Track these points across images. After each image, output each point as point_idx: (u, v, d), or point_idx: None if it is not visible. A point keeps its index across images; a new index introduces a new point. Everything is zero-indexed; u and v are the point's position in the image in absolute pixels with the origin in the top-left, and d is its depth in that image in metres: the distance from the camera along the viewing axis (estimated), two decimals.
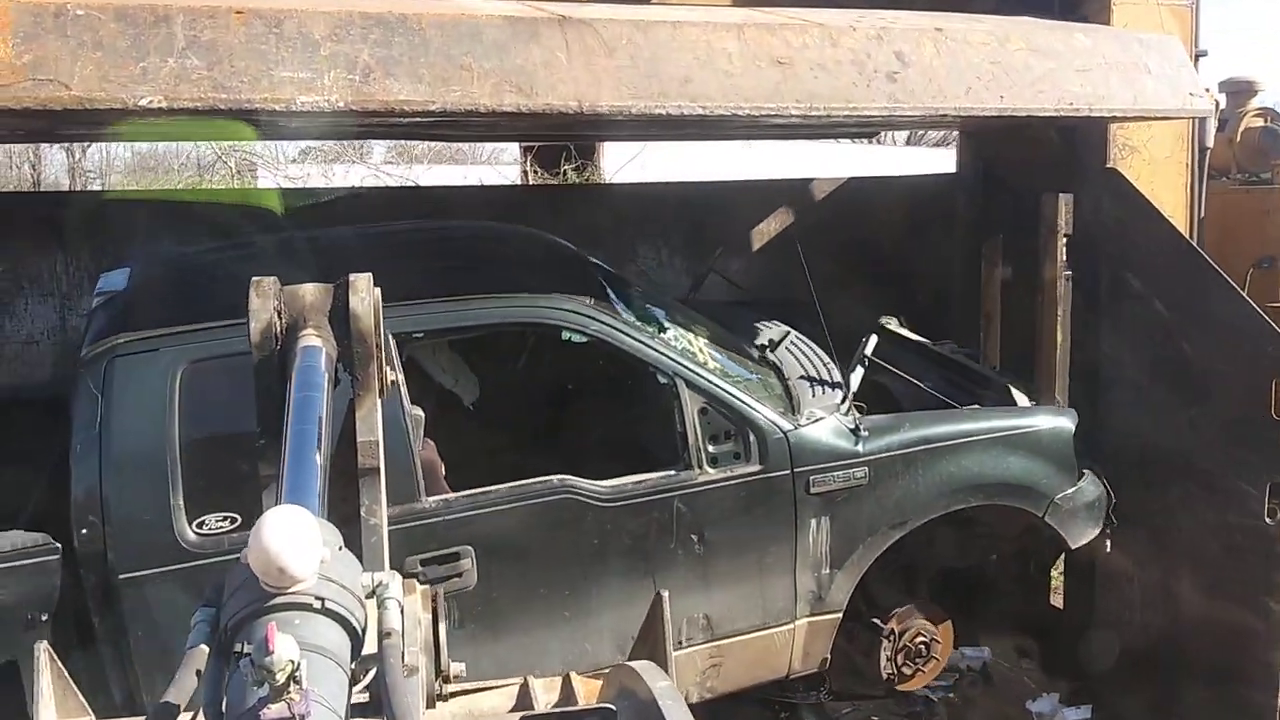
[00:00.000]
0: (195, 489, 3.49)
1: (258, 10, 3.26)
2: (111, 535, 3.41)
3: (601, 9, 3.81)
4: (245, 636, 1.72)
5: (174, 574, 3.44)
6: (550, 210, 6.11)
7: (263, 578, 1.75)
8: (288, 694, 1.56)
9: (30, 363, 5.07)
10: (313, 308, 2.42)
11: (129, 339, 3.57)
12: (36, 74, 3.01)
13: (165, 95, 3.08)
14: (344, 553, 1.91)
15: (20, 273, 5.04)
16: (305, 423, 2.18)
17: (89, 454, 3.43)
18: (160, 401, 3.50)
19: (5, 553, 3.34)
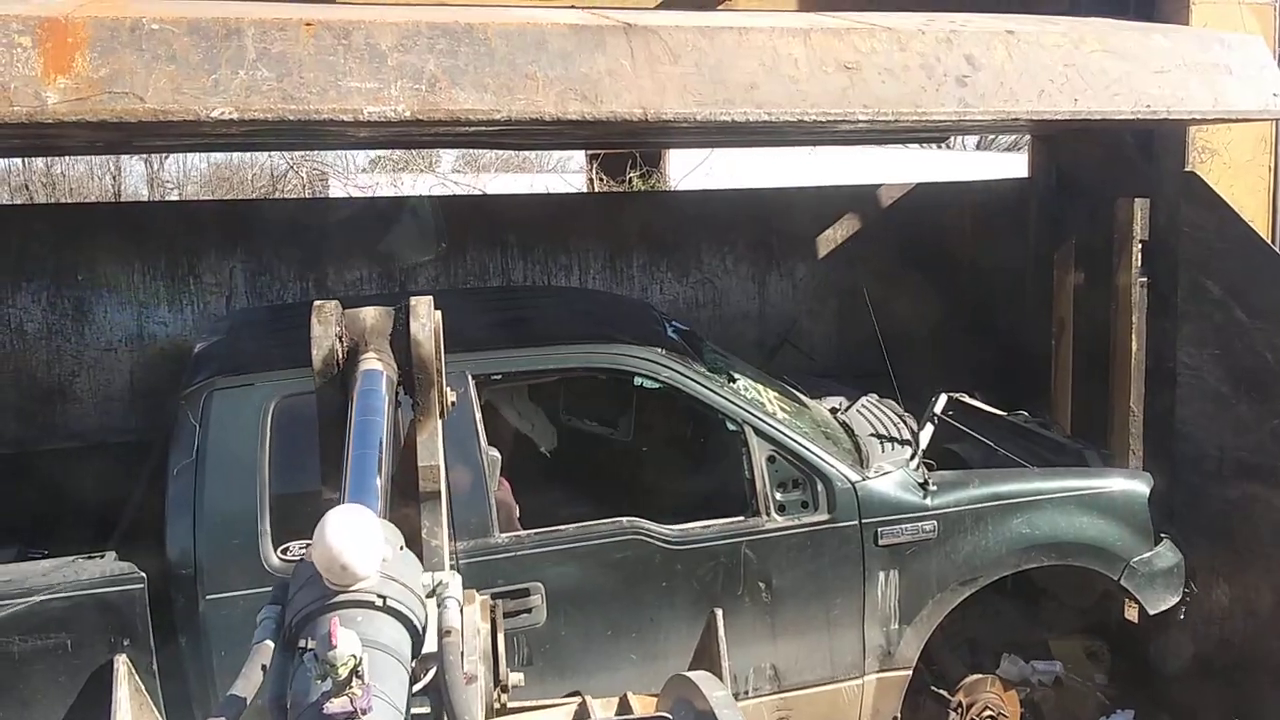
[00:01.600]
0: (281, 516, 3.57)
1: (326, 22, 3.30)
2: (201, 557, 3.50)
3: (666, 16, 3.81)
4: (309, 632, 1.75)
5: (258, 597, 3.50)
6: (616, 217, 6.13)
7: (326, 575, 1.78)
8: (350, 689, 1.58)
9: (109, 368, 5.20)
10: (374, 331, 2.42)
11: (227, 376, 3.69)
12: (113, 87, 3.09)
13: (236, 106, 3.13)
14: (405, 552, 1.93)
15: (100, 281, 5.17)
16: (366, 446, 2.19)
17: (185, 480, 3.53)
18: (252, 433, 3.59)
19: (94, 580, 3.42)
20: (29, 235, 5.20)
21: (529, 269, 5.70)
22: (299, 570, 1.91)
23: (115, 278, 5.19)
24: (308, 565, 1.85)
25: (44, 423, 5.14)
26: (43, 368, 5.13)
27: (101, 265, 5.18)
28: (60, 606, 3.35)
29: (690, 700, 2.26)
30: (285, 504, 3.57)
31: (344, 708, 1.58)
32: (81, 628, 3.37)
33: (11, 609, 3.31)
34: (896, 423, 4.74)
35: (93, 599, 3.39)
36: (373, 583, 1.78)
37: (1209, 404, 4.84)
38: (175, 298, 5.27)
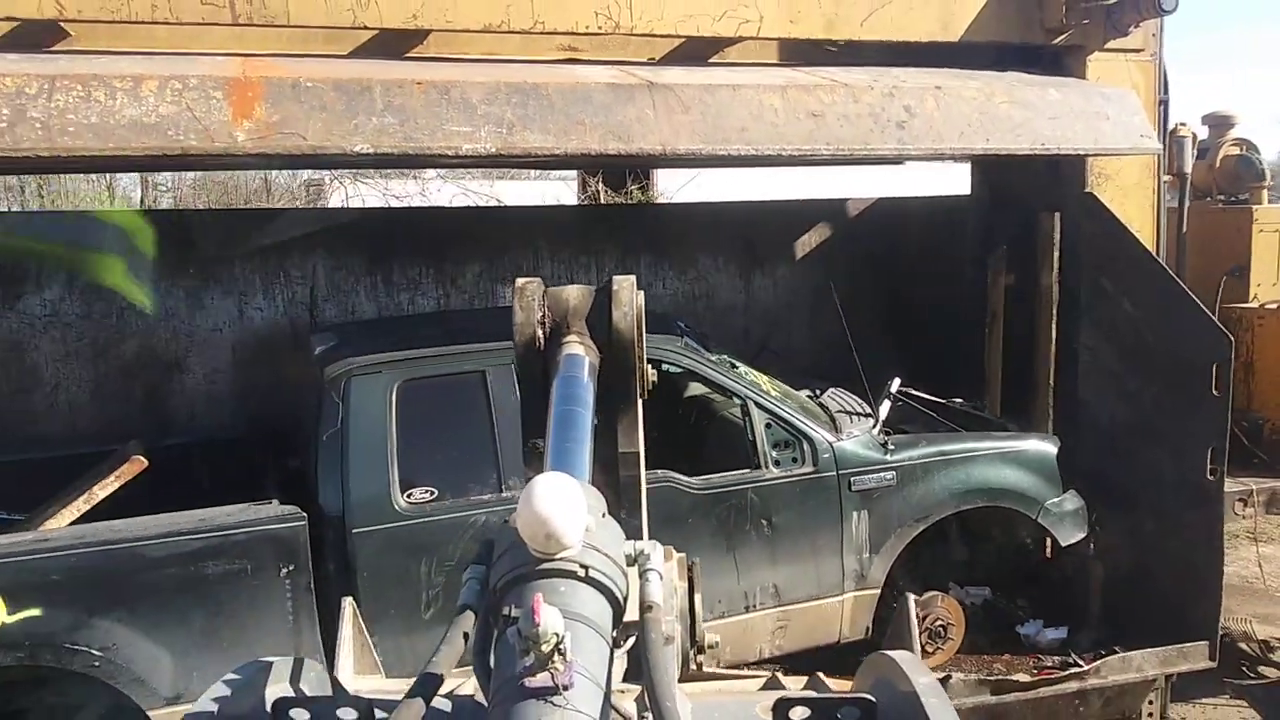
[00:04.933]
0: (405, 469, 4.72)
1: (433, 81, 4.49)
2: (348, 502, 4.64)
3: (678, 75, 5.01)
4: (513, 600, 1.76)
5: (390, 530, 4.68)
6: (626, 225, 7.33)
7: (530, 543, 1.78)
8: (552, 663, 1.60)
9: (217, 346, 6.33)
10: (576, 312, 2.41)
11: (361, 363, 4.81)
12: (283, 129, 4.25)
13: (371, 144, 4.31)
14: (608, 520, 1.92)
15: (209, 275, 6.31)
16: (568, 440, 2.17)
17: (333, 444, 4.68)
18: (381, 408, 4.74)
19: (268, 517, 4.53)
20: (145, 234, 6.34)
21: (555, 268, 6.88)
22: (502, 534, 1.92)
23: (219, 271, 6.33)
24: (512, 530, 1.85)
25: (165, 389, 6.27)
26: (161, 344, 6.26)
27: (209, 261, 6.32)
28: (241, 540, 4.45)
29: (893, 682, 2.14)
30: (407, 461, 4.73)
31: (545, 683, 1.60)
32: (257, 556, 4.47)
33: (206, 541, 4.42)
34: (859, 404, 5.95)
35: (266, 534, 4.49)
36: (575, 552, 1.78)
37: (1104, 379, 6.07)
38: (268, 288, 6.42)
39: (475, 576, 1.95)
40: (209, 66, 4.45)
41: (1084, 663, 5.44)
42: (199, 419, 6.29)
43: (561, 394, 2.26)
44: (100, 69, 4.24)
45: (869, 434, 5.57)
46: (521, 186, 13.27)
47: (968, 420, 6.27)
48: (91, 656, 4.27)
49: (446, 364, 4.90)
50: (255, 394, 6.33)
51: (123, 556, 4.32)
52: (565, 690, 1.60)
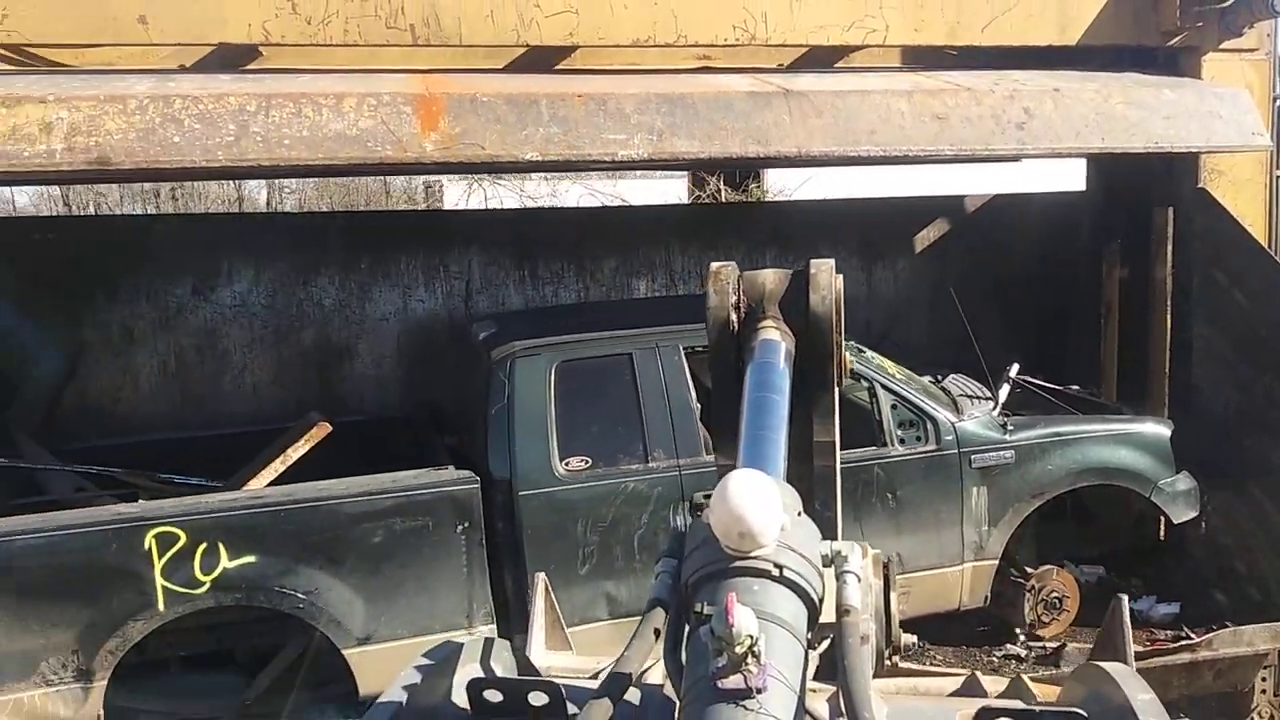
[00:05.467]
0: (563, 440, 5.26)
1: (591, 94, 5.02)
2: (515, 469, 5.20)
3: (810, 82, 5.45)
4: (705, 597, 1.74)
5: (550, 493, 5.23)
6: (751, 221, 7.79)
7: (723, 539, 1.74)
8: (745, 665, 1.58)
9: (383, 334, 6.99)
10: (771, 296, 2.39)
11: (523, 346, 5.35)
12: (464, 140, 4.84)
13: (540, 152, 4.86)
14: (803, 519, 1.87)
15: (377, 270, 6.97)
16: (763, 428, 2.13)
17: (500, 418, 5.25)
18: (542, 385, 5.28)
19: (447, 480, 5.14)
20: (326, 235, 7.03)
21: (685, 262, 7.38)
22: (695, 528, 1.88)
23: (387, 267, 6.99)
24: (704, 525, 1.81)
25: (337, 373, 6.95)
26: (335, 332, 6.94)
27: (377, 257, 6.97)
28: (425, 499, 5.07)
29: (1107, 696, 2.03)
30: (564, 433, 5.27)
31: (738, 684, 1.57)
32: (438, 514, 5.07)
33: (394, 500, 5.03)
34: (979, 388, 6.31)
35: (446, 495, 5.10)
36: (770, 551, 1.74)
37: (1217, 368, 6.31)
38: (429, 281, 7.05)
39: (667, 570, 1.94)
40: (396, 84, 5.06)
41: (1195, 636, 5.71)
42: (367, 399, 6.95)
43: (756, 380, 2.23)
44: (306, 88, 4.88)
45: (989, 415, 5.93)
46: (641, 185, 13.83)
47: (1084, 405, 6.57)
48: (297, 599, 4.92)
49: (598, 347, 5.43)
50: (417, 377, 6.96)
51: (325, 512, 4.96)
52: (758, 693, 1.58)
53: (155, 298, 6.65)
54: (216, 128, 4.62)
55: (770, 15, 5.63)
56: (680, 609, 1.86)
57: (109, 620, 4.75)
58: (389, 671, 4.95)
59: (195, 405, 6.71)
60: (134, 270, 6.60)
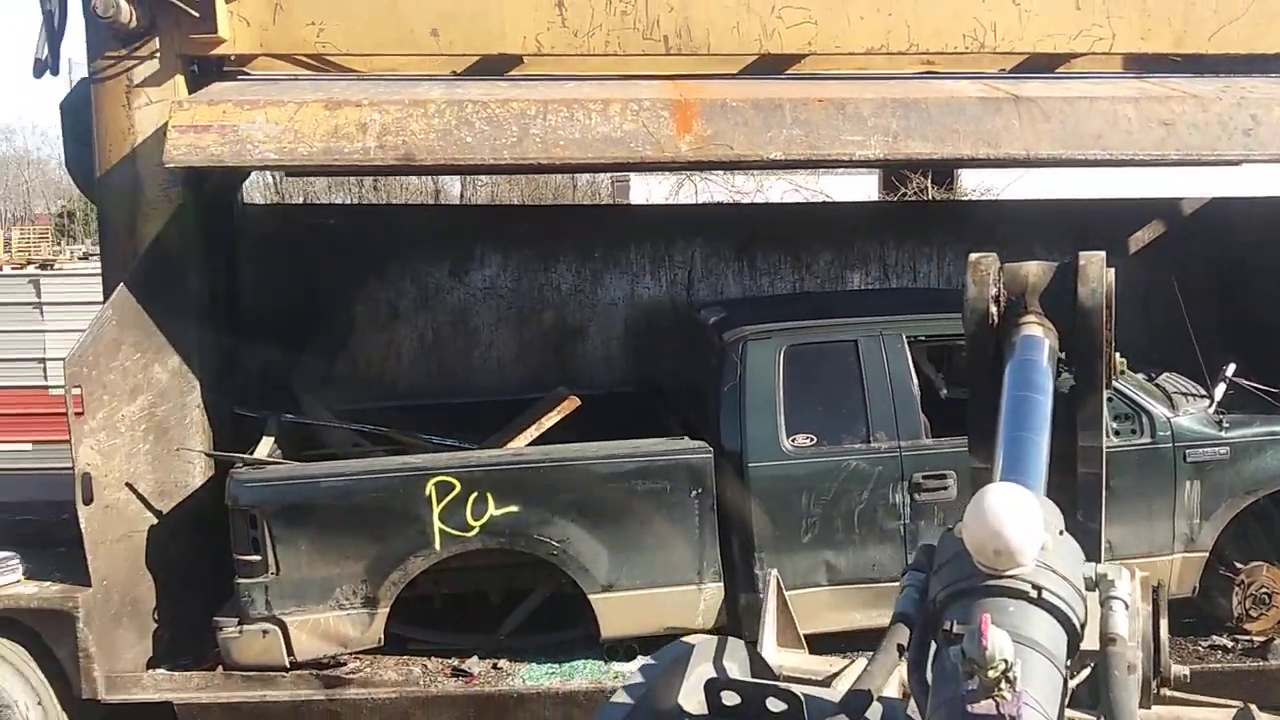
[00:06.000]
0: (790, 418, 5.69)
1: (831, 99, 5.46)
2: (746, 441, 5.67)
3: (1039, 88, 5.73)
4: (955, 616, 1.67)
5: (777, 466, 5.68)
6: (959, 218, 8.05)
7: (976, 556, 1.68)
8: (998, 690, 1.51)
9: (612, 317, 7.59)
10: (1034, 289, 2.30)
11: (754, 330, 5.82)
12: (715, 141, 5.35)
13: (783, 151, 5.34)
14: (1065, 538, 1.79)
15: (609, 258, 7.57)
16: (1024, 430, 2.04)
17: (732, 396, 5.73)
18: (772, 366, 5.74)
19: (685, 449, 5.67)
20: (565, 227, 7.70)
21: (900, 257, 7.71)
22: (945, 542, 1.82)
23: (618, 256, 7.59)
24: (955, 539, 1.75)
25: (571, 351, 7.60)
26: (570, 315, 7.59)
27: (610, 248, 7.59)
28: (663, 465, 5.61)
29: None
30: (791, 411, 5.69)
31: (990, 710, 1.51)
32: (675, 479, 5.60)
33: (638, 465, 5.60)
34: (1194, 387, 6.44)
35: (681, 462, 5.63)
36: (1028, 570, 1.66)
37: None
38: (655, 270, 7.63)
39: (913, 584, 1.87)
40: (653, 90, 5.62)
41: None
42: (595, 376, 7.57)
43: (1017, 378, 2.12)
44: (577, 94, 5.49)
45: (1204, 412, 6.07)
46: (842, 180, 14.16)
47: None
48: (552, 546, 5.54)
49: (825, 333, 5.87)
50: (642, 358, 7.54)
51: (578, 471, 5.57)
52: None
53: (417, 279, 7.44)
54: (502, 129, 5.28)
55: (1000, 24, 5.94)
56: (926, 626, 1.80)
57: (393, 555, 5.48)
58: (628, 616, 5.61)
59: (448, 375, 7.47)
60: (400, 254, 7.40)
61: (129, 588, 5.54)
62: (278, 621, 5.43)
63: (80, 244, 34.74)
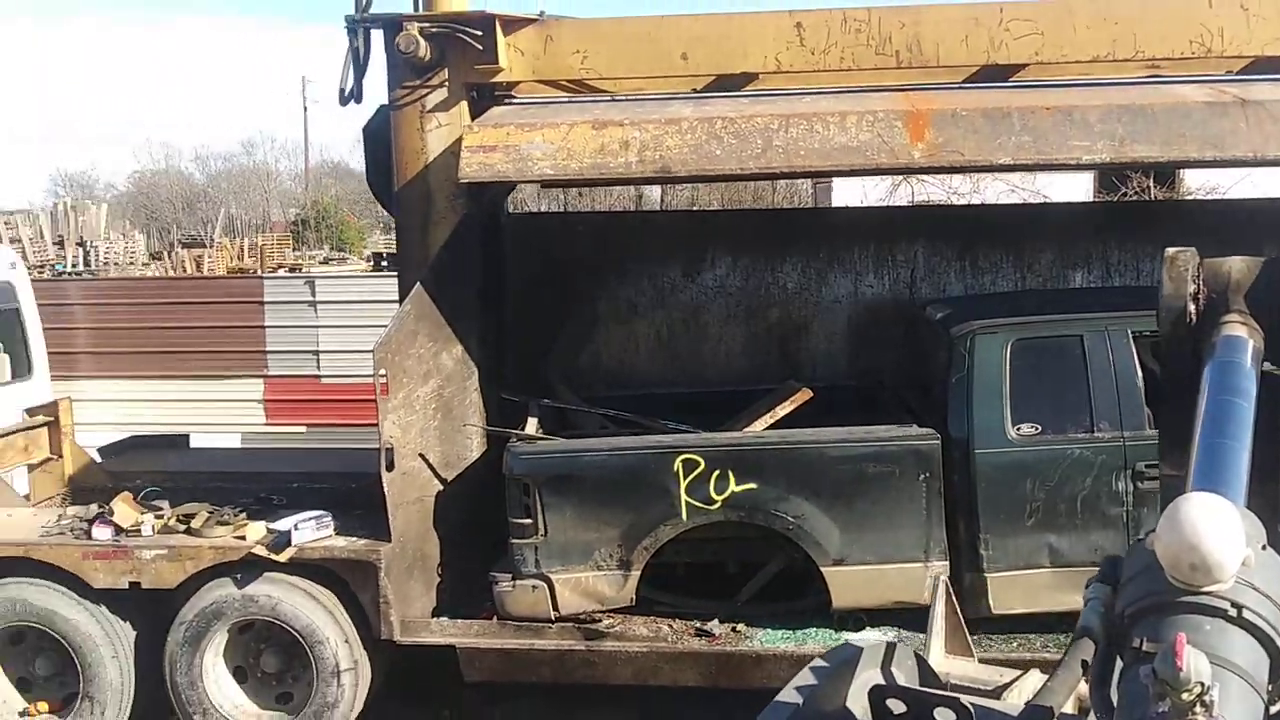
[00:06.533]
0: (1015, 407, 6.05)
1: (1058, 106, 5.80)
2: (972, 430, 6.07)
3: (1266, 90, 5.89)
4: (1145, 632, 1.60)
5: (1003, 453, 6.04)
6: (1183, 218, 8.12)
7: (1170, 570, 1.60)
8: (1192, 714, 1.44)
9: (835, 314, 8.06)
10: (1237, 287, 2.21)
11: (982, 324, 6.19)
12: (945, 148, 5.78)
13: (1012, 157, 5.71)
14: (1268, 554, 1.69)
15: (834, 258, 8.04)
16: (1223, 437, 1.93)
17: (960, 386, 6.14)
18: (999, 359, 6.10)
19: (914, 436, 6.12)
20: (794, 228, 8.22)
21: (1123, 256, 7.86)
22: (1135, 554, 1.74)
23: (842, 256, 8.06)
24: (1147, 551, 1.67)
25: (795, 346, 8.12)
26: (795, 311, 8.11)
27: (834, 249, 8.06)
28: (895, 450, 6.07)
29: None
30: (1017, 401, 6.03)
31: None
32: (903, 463, 6.04)
33: (870, 448, 6.08)
34: None
35: (911, 448, 6.07)
36: (1226, 588, 1.57)
37: None
38: (878, 269, 8.06)
39: (1097, 596, 1.79)
40: (886, 102, 6.08)
41: None
42: (818, 369, 8.06)
43: (1217, 381, 2.03)
44: (815, 108, 6.02)
45: None
46: (1056, 180, 14.12)
47: None
48: (787, 521, 6.08)
49: (1051, 328, 6.19)
50: (863, 352, 7.99)
51: (813, 453, 6.10)
52: None
53: (653, 279, 8.12)
54: (747, 142, 5.87)
55: (1227, 29, 6.10)
56: (1112, 642, 1.73)
57: (646, 523, 6.14)
58: (858, 588, 6.09)
59: (680, 367, 8.12)
60: (637, 256, 8.11)
61: (420, 544, 6.41)
62: (545, 578, 6.18)
63: (317, 250, 37.67)
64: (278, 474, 7.64)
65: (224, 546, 6.31)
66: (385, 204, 7.20)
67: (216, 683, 6.42)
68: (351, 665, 6.30)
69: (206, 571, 6.31)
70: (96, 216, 34.92)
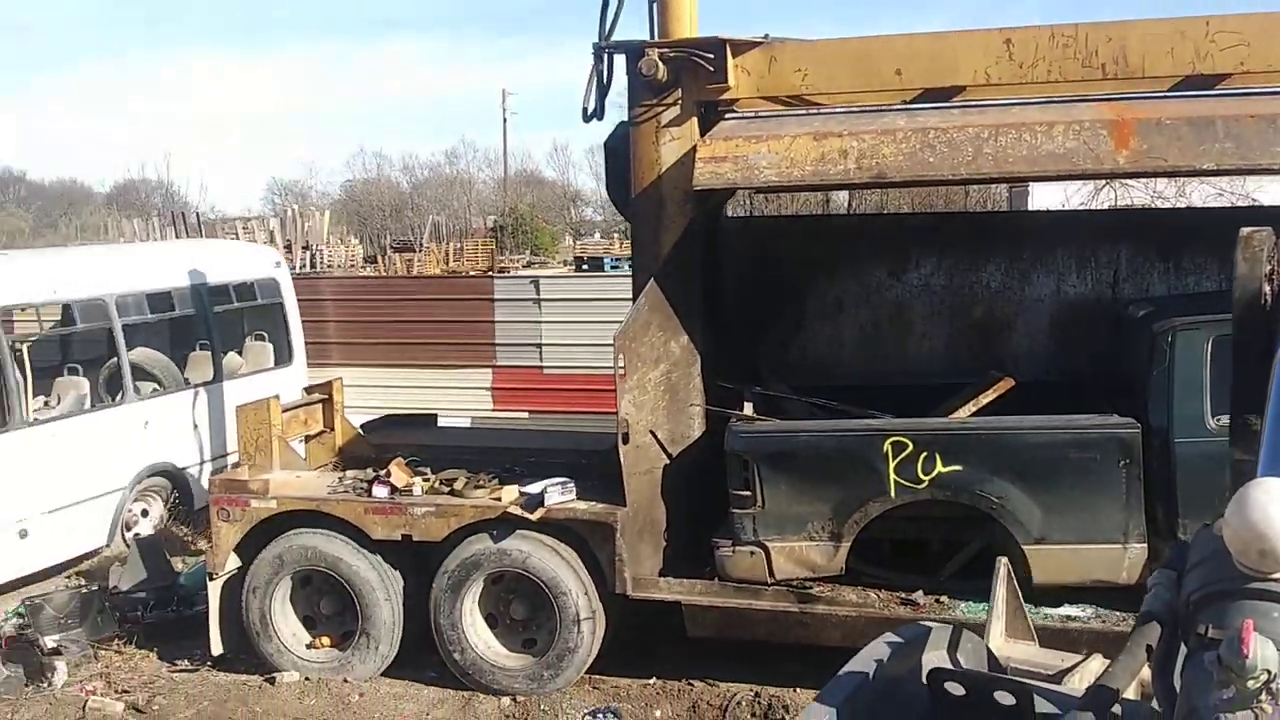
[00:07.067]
0: (1215, 400, 6.30)
1: (1263, 115, 6.09)
2: (1173, 420, 6.42)
3: None
4: (1211, 619, 1.61)
5: (1202, 443, 6.32)
6: None
7: (1238, 556, 1.61)
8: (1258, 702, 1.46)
9: (1037, 312, 8.41)
10: None
11: (1183, 321, 6.53)
12: (1149, 154, 6.16)
13: (1215, 163, 6.05)
14: None
15: (1037, 259, 8.40)
16: None
17: (1161, 379, 6.50)
18: (1200, 354, 6.41)
19: (1115, 425, 6.50)
20: (995, 231, 8.61)
21: None
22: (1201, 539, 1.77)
23: (1045, 258, 8.41)
24: (1214, 537, 1.70)
25: (997, 343, 8.53)
26: (998, 309, 8.51)
27: (1037, 250, 8.41)
28: (1095, 438, 6.45)
29: None
30: (1217, 393, 6.23)
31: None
32: (1104, 450, 6.42)
33: (1072, 435, 6.47)
34: None
35: (1113, 436, 6.44)
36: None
37: None
38: (1080, 270, 8.38)
39: (1162, 581, 1.82)
40: (1091, 111, 6.50)
41: None
42: (1021, 365, 8.43)
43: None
44: (1022, 118, 6.49)
45: None
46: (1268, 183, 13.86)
47: None
48: (991, 501, 6.56)
49: None
50: (1064, 349, 8.32)
51: (1017, 439, 6.57)
52: None
53: (860, 278, 8.68)
54: (959, 150, 6.40)
55: None
56: (1177, 627, 1.74)
57: (856, 498, 6.74)
58: (1057, 566, 6.53)
59: (884, 361, 8.65)
60: (847, 257, 8.69)
61: (649, 511, 7.19)
62: (762, 545, 6.86)
63: (516, 255, 39.60)
64: (516, 448, 8.60)
65: (483, 506, 7.25)
66: (621, 210, 8.03)
67: (473, 626, 7.36)
68: (590, 615, 7.13)
69: (467, 528, 7.26)
70: (320, 222, 37.78)
